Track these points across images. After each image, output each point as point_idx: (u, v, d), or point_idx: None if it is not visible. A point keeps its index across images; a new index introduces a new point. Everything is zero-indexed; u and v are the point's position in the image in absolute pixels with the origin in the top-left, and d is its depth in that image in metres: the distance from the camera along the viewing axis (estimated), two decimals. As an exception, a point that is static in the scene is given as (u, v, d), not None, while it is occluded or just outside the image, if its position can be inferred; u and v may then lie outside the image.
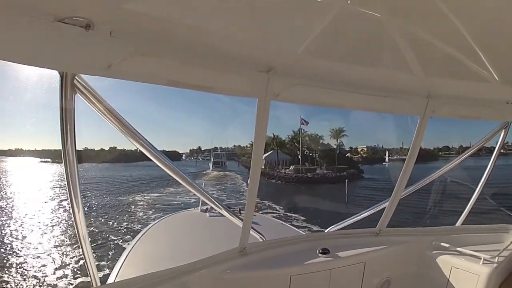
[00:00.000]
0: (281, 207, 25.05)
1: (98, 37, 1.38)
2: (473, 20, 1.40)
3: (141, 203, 27.59)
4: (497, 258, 2.74)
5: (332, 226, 3.40)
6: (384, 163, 48.28)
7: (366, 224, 3.36)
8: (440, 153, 50.16)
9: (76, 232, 2.11)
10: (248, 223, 2.55)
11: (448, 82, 2.46)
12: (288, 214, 22.98)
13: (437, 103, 2.78)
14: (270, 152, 55.60)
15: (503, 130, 3.29)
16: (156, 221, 5.11)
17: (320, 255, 2.74)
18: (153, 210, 24.29)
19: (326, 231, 3.33)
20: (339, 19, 1.42)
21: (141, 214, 23.22)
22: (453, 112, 3.02)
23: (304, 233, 4.11)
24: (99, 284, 2.32)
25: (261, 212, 18.03)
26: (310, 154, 52.82)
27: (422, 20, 1.43)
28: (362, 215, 3.44)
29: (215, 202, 2.81)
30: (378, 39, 1.68)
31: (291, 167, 49.71)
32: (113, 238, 16.61)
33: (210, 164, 55.64)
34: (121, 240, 16.00)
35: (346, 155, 52.66)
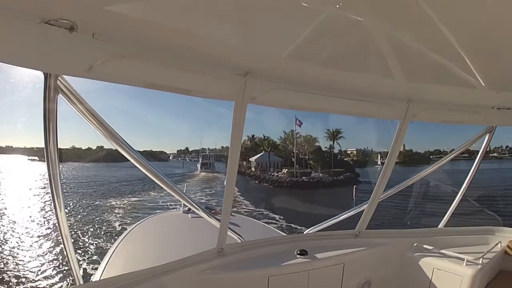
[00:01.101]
0: (281, 217, 23.58)
1: (81, 39, 1.46)
2: (460, 26, 1.49)
3: (118, 210, 25.48)
4: (481, 259, 2.83)
5: (311, 228, 3.51)
6: (376, 166, 48.99)
7: (350, 226, 3.47)
8: (431, 156, 51.38)
9: (59, 231, 2.19)
10: (225, 224, 2.66)
11: (431, 87, 2.59)
12: (293, 225, 20.99)
13: (419, 108, 2.92)
14: (261, 153, 55.57)
15: (488, 134, 3.45)
16: (139, 221, 5.29)
17: (298, 256, 2.84)
18: (131, 218, 22.02)
19: (305, 232, 3.45)
20: (322, 24, 1.51)
21: (116, 224, 20.63)
22: (436, 117, 3.16)
23: (283, 234, 4.24)
24: (81, 281, 2.41)
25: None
26: (305, 157, 52.72)
27: (407, 26, 1.54)
28: (341, 217, 3.56)
29: (194, 204, 2.91)
30: (360, 44, 1.79)
31: (284, 170, 49.04)
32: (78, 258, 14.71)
33: (198, 165, 55.83)
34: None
35: (338, 157, 52.91)
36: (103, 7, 1.32)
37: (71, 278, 2.40)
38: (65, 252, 2.28)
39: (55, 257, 13.69)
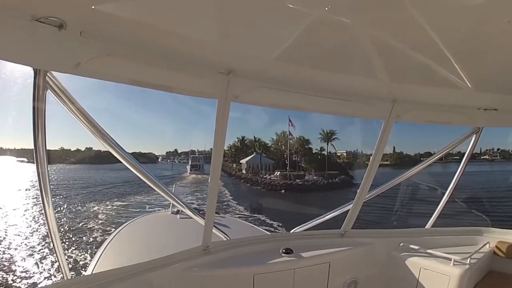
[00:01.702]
0: (280, 224, 22.72)
1: (69, 36, 1.54)
2: (446, 28, 1.57)
3: (102, 216, 24.48)
4: (469, 259, 2.89)
5: (297, 227, 3.57)
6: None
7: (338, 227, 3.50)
8: (422, 158, 52.80)
9: (47, 227, 2.31)
10: (210, 222, 2.73)
11: (416, 87, 2.69)
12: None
13: (403, 108, 3.01)
14: (252, 155, 55.53)
15: (474, 135, 3.54)
16: (128, 222, 5.39)
17: (283, 255, 2.90)
18: (113, 226, 19.67)
19: (291, 231, 3.52)
20: (306, 25, 1.60)
21: (97, 234, 19.41)
22: (421, 118, 3.26)
23: (268, 233, 4.33)
24: (68, 276, 2.53)
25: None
26: (297, 159, 52.54)
27: (393, 28, 1.62)
28: (326, 217, 3.65)
29: (180, 202, 3.01)
30: (345, 45, 1.88)
31: (277, 173, 48.57)
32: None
33: (188, 167, 55.68)
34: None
35: (332, 159, 53.04)
36: (92, 6, 1.41)
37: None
38: (53, 248, 2.39)
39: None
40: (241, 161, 56.98)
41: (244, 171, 53.83)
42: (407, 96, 2.92)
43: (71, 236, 18.56)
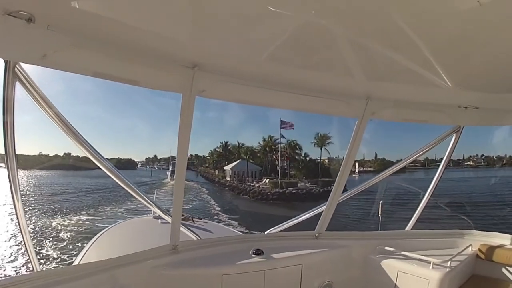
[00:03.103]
0: None
1: (37, 29, 1.68)
2: (426, 28, 1.68)
3: (64, 234, 21.52)
4: (449, 262, 2.90)
5: (271, 229, 3.63)
6: (354, 175, 50.15)
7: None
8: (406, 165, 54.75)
9: (18, 223, 2.52)
10: (177, 221, 2.82)
11: (392, 85, 2.78)
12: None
13: (378, 106, 3.11)
14: (237, 161, 55.32)
15: (455, 134, 3.62)
16: (109, 226, 5.43)
17: (253, 256, 2.95)
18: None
19: (265, 233, 3.57)
20: (276, 24, 1.72)
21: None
22: (398, 116, 3.40)
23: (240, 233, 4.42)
24: (38, 268, 2.70)
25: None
26: (286, 165, 52.33)
27: (369, 26, 1.73)
28: (300, 218, 3.74)
29: (150, 202, 3.21)
30: (319, 43, 2.00)
31: (266, 180, 47.67)
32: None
33: (168, 173, 55.54)
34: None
35: (326, 166, 52.76)
36: (60, 1, 1.57)
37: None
38: (23, 241, 2.61)
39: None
40: (224, 168, 56.87)
41: (228, 178, 53.38)
42: (383, 94, 3.02)
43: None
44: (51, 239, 19.88)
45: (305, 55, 2.25)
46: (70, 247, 17.64)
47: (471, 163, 61.73)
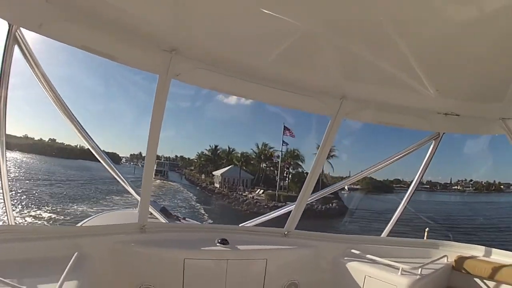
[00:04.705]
0: None
1: (37, 0, 2.12)
2: (408, 35, 1.91)
3: None
4: (420, 269, 2.98)
5: (241, 224, 3.80)
6: (343, 192, 49.89)
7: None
8: (393, 185, 58.26)
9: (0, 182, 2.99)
10: (146, 201, 3.05)
11: (369, 87, 3.00)
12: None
13: (353, 106, 3.31)
14: (228, 167, 54.86)
15: (434, 141, 3.79)
16: (92, 216, 5.74)
17: (218, 244, 3.11)
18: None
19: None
20: (258, 20, 2.02)
21: None
22: (374, 118, 3.58)
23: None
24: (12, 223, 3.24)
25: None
26: (289, 176, 51.81)
27: (352, 29, 1.98)
28: (271, 215, 4.00)
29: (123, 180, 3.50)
30: (296, 40, 2.25)
31: (259, 191, 47.13)
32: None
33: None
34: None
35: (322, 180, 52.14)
36: None
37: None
38: (3, 199, 3.10)
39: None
40: (213, 173, 56.50)
41: (217, 185, 52.98)
42: (359, 95, 3.22)
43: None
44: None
45: (282, 50, 2.49)
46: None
47: (458, 188, 64.08)
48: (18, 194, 31.51)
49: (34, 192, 34.21)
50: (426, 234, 6.06)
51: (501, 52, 2.11)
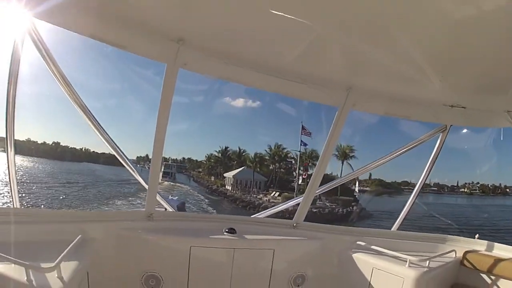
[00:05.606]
0: None
1: None
2: (415, 28, 2.02)
3: None
4: (428, 262, 3.09)
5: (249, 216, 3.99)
6: (355, 194, 49.92)
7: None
8: (402, 187, 58.78)
9: (8, 170, 3.11)
10: (154, 189, 3.20)
11: (376, 78, 3.10)
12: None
13: (360, 97, 3.41)
14: (241, 168, 54.73)
15: (441, 134, 3.90)
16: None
17: (225, 233, 3.21)
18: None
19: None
20: (264, 12, 2.19)
21: None
22: (380, 109, 3.71)
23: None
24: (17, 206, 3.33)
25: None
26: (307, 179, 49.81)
27: (359, 22, 2.11)
28: (281, 207, 4.15)
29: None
30: (304, 32, 2.39)
31: (274, 193, 46.75)
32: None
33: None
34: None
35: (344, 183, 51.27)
36: None
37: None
38: (9, 183, 3.23)
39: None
40: (225, 175, 56.48)
41: (229, 187, 52.76)
42: (366, 86, 3.33)
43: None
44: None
45: (290, 42, 2.66)
46: None
47: (465, 190, 65.53)
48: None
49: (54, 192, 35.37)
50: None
51: (507, 44, 2.20)
